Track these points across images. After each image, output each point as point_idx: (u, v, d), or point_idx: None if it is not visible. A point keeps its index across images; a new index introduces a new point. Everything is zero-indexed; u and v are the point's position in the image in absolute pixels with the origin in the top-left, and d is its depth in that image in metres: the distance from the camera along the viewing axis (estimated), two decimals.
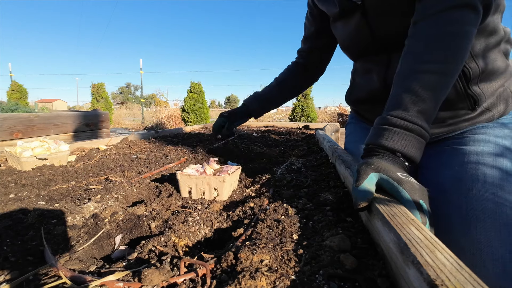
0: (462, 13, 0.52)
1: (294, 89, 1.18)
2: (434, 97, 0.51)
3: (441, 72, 0.51)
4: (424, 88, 0.51)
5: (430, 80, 0.51)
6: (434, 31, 0.53)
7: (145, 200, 0.72)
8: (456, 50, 0.52)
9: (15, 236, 0.49)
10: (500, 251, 0.57)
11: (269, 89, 1.15)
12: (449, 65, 0.52)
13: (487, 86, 0.67)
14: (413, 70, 0.54)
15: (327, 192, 0.64)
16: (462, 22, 0.52)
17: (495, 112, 0.70)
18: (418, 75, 0.52)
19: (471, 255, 0.59)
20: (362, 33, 0.76)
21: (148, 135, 1.78)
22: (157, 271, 0.36)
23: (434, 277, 0.24)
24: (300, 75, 1.16)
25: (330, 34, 0.98)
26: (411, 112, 0.51)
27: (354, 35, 0.80)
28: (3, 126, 1.84)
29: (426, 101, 0.51)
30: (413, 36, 0.57)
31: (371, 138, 0.54)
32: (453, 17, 0.52)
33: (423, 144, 0.51)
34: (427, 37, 0.54)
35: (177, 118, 8.56)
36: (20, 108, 4.54)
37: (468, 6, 0.52)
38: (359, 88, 0.90)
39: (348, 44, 0.86)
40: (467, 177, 0.64)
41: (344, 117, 8.02)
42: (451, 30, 0.52)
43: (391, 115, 0.52)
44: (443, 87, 0.52)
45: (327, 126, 2.21)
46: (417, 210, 0.43)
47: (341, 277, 0.33)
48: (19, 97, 10.23)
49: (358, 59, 0.88)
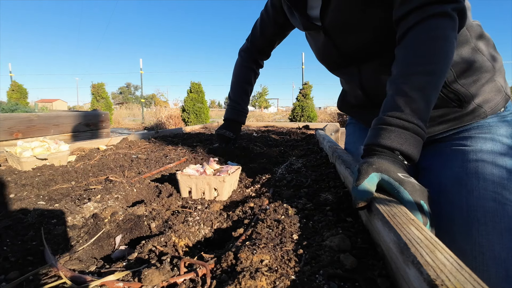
0: (439, 21, 0.56)
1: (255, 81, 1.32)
2: (425, 97, 0.53)
3: (427, 73, 0.54)
4: (413, 89, 0.53)
5: (419, 81, 0.54)
6: (418, 38, 0.57)
7: (145, 200, 0.72)
8: (440, 51, 0.55)
9: (15, 236, 0.49)
10: (502, 254, 0.57)
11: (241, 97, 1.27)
12: (435, 66, 0.54)
13: (468, 82, 0.68)
14: (403, 74, 0.56)
15: (327, 192, 0.64)
16: (439, 27, 0.56)
17: (487, 108, 0.70)
18: (407, 78, 0.55)
19: (473, 258, 0.59)
20: (329, 49, 0.82)
21: (148, 135, 1.78)
22: (157, 271, 0.36)
23: (434, 277, 0.24)
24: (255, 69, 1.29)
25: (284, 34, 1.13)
26: (405, 111, 0.52)
27: (322, 51, 0.86)
28: (3, 126, 1.84)
29: (417, 101, 0.53)
30: (400, 46, 0.60)
31: (369, 138, 0.54)
32: (432, 24, 0.56)
33: (420, 143, 0.52)
34: (412, 44, 0.57)
35: (177, 118, 8.56)
36: (20, 108, 4.54)
37: (442, 15, 0.56)
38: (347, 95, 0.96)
39: (320, 58, 0.92)
40: (467, 177, 0.64)
41: (344, 117, 8.02)
42: (432, 34, 0.56)
43: (387, 115, 0.53)
44: (432, 87, 0.54)
45: (327, 126, 2.21)
46: (418, 210, 0.42)
47: (341, 277, 0.33)
48: (19, 97, 10.23)
49: (333, 71, 0.93)
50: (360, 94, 0.83)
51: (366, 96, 0.82)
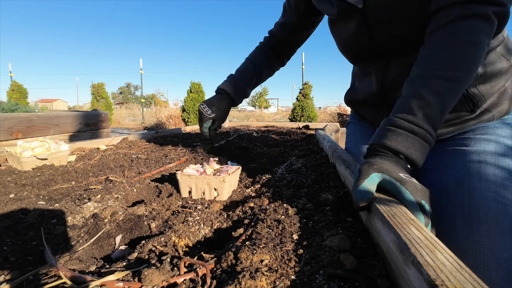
0: (475, 23, 0.51)
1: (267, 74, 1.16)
2: (442, 104, 0.51)
3: (451, 79, 0.51)
4: (432, 93, 0.51)
5: (439, 86, 0.51)
6: (447, 39, 0.53)
7: (145, 200, 0.72)
8: (468, 58, 0.51)
9: (15, 236, 0.49)
10: (504, 254, 0.57)
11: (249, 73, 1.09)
12: (460, 73, 0.51)
13: (486, 88, 0.67)
14: (423, 76, 0.53)
15: (327, 192, 0.64)
16: (475, 31, 0.51)
17: (495, 112, 0.70)
18: (427, 81, 0.52)
19: (474, 257, 0.59)
20: (361, 38, 0.75)
21: (148, 135, 1.78)
22: (157, 271, 0.36)
23: (434, 277, 0.24)
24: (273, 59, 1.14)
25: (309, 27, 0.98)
26: (417, 115, 0.50)
27: (353, 40, 0.79)
28: (3, 126, 1.84)
29: (433, 107, 0.50)
30: (426, 44, 0.57)
31: (375, 138, 0.53)
32: (466, 26, 0.52)
33: (427, 149, 0.51)
34: (439, 45, 0.54)
35: (177, 118, 8.56)
36: (20, 108, 4.53)
37: (481, 16, 0.51)
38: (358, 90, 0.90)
39: (346, 47, 0.85)
40: (469, 178, 0.64)
41: (344, 117, 8.02)
42: (463, 38, 0.52)
43: (398, 117, 0.52)
44: (452, 95, 0.51)
45: (327, 126, 2.20)
46: (419, 210, 0.42)
47: (341, 277, 0.33)
48: (19, 97, 10.22)
49: (357, 63, 0.88)
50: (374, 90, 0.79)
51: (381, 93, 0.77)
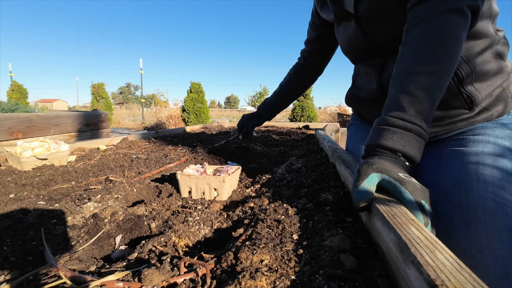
0: (451, 18, 0.54)
1: (295, 90, 1.33)
2: (430, 98, 0.52)
3: (435, 73, 0.53)
4: (419, 89, 0.52)
5: (425, 81, 0.53)
6: (426, 35, 0.55)
7: (145, 200, 0.72)
8: (448, 51, 0.54)
9: (15, 236, 0.49)
10: (501, 252, 0.57)
11: (275, 94, 1.35)
12: (442, 66, 0.53)
13: (483, 86, 0.68)
14: (408, 72, 0.55)
15: (327, 192, 0.64)
16: (451, 25, 0.54)
17: (494, 111, 0.70)
18: (413, 77, 0.54)
19: (471, 256, 0.59)
20: (358, 39, 0.80)
21: (148, 135, 1.78)
22: (157, 271, 0.36)
23: (434, 277, 0.24)
24: (300, 76, 1.27)
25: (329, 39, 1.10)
26: (409, 112, 0.51)
27: (352, 41, 0.84)
28: (3, 126, 1.84)
29: (423, 102, 0.52)
30: (405, 41, 0.59)
31: (370, 139, 0.54)
32: (443, 21, 0.54)
33: (422, 144, 0.52)
34: (419, 41, 0.56)
35: (177, 118, 8.56)
36: (20, 108, 4.54)
37: (456, 11, 0.54)
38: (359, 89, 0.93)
39: (347, 48, 0.91)
40: (467, 178, 0.64)
41: (344, 117, 8.02)
42: (441, 33, 0.54)
43: (390, 116, 0.53)
44: (438, 88, 0.53)
45: (327, 126, 2.20)
46: (419, 210, 0.42)
47: (341, 277, 0.33)
48: (19, 97, 10.22)
49: (358, 63, 0.92)
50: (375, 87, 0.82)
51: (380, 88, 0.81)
